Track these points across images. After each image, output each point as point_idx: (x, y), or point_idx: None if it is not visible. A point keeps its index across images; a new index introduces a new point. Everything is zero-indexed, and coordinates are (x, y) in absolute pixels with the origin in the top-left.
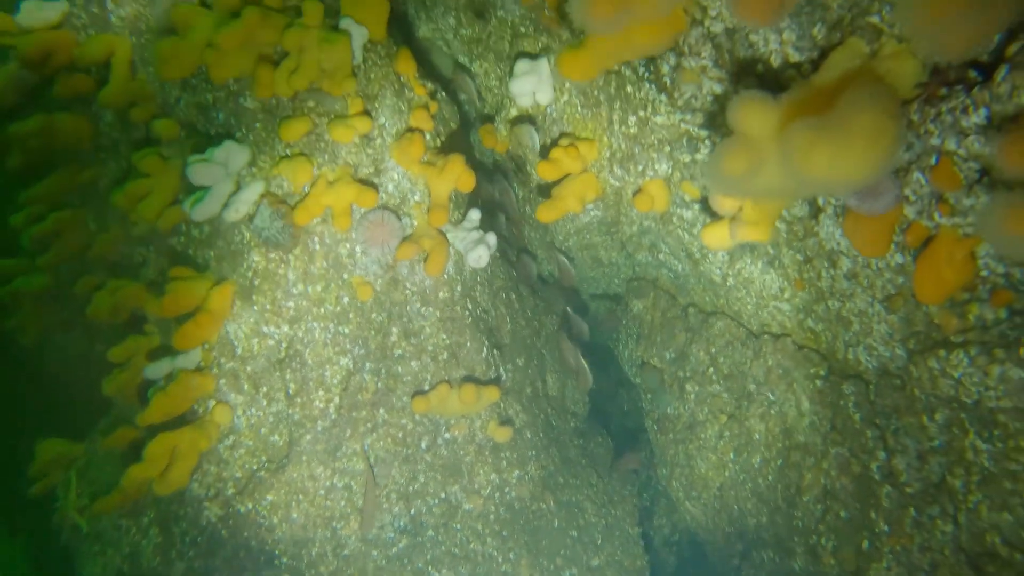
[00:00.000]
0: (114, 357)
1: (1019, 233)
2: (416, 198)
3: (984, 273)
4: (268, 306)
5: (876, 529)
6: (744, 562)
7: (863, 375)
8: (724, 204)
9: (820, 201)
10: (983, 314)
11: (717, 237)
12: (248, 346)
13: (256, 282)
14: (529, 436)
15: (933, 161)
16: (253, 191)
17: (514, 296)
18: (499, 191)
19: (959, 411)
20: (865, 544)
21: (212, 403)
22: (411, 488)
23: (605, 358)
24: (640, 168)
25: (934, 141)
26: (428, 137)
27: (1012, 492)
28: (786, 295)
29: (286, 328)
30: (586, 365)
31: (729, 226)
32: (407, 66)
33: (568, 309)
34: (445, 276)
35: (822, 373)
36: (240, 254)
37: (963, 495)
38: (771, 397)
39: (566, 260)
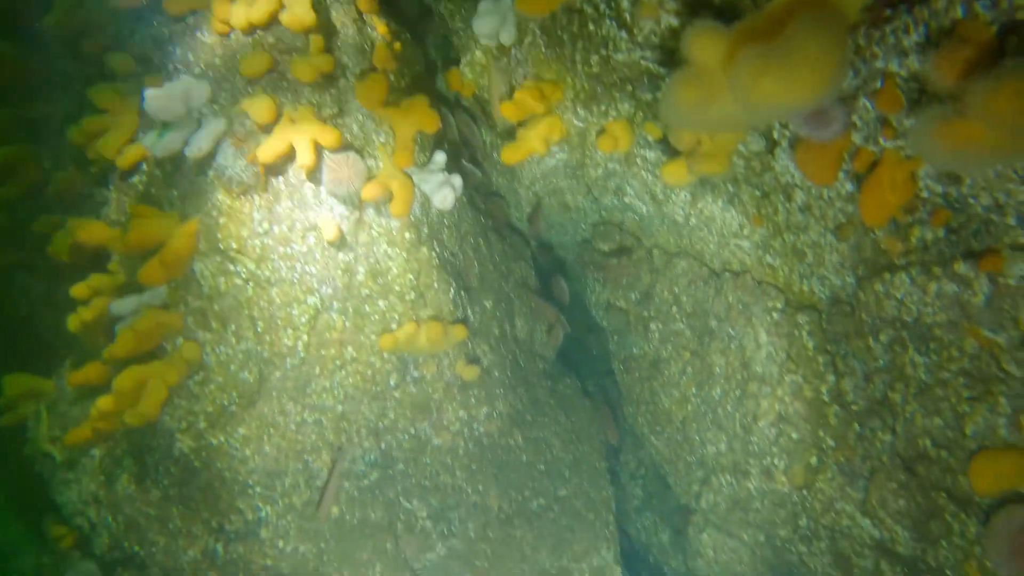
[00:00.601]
0: (76, 294)
1: (947, 145)
2: (380, 139)
3: (924, 194)
4: (234, 245)
5: (823, 446)
6: (704, 487)
7: (816, 305)
8: (683, 139)
9: (775, 135)
10: (924, 235)
11: (676, 173)
12: (215, 284)
13: (221, 221)
14: (497, 375)
15: (878, 84)
16: (215, 128)
17: (482, 241)
18: (460, 123)
19: (901, 330)
20: (813, 460)
21: (180, 340)
22: (381, 424)
23: (572, 304)
24: (603, 108)
25: (879, 64)
26: (392, 78)
27: (942, 398)
28: (745, 232)
29: (252, 267)
30: (558, 328)
31: (687, 160)
32: (369, 3)
33: (556, 274)
34: (411, 218)
35: (779, 306)
36: (204, 193)
37: (901, 407)
38: (731, 332)
39: (537, 205)
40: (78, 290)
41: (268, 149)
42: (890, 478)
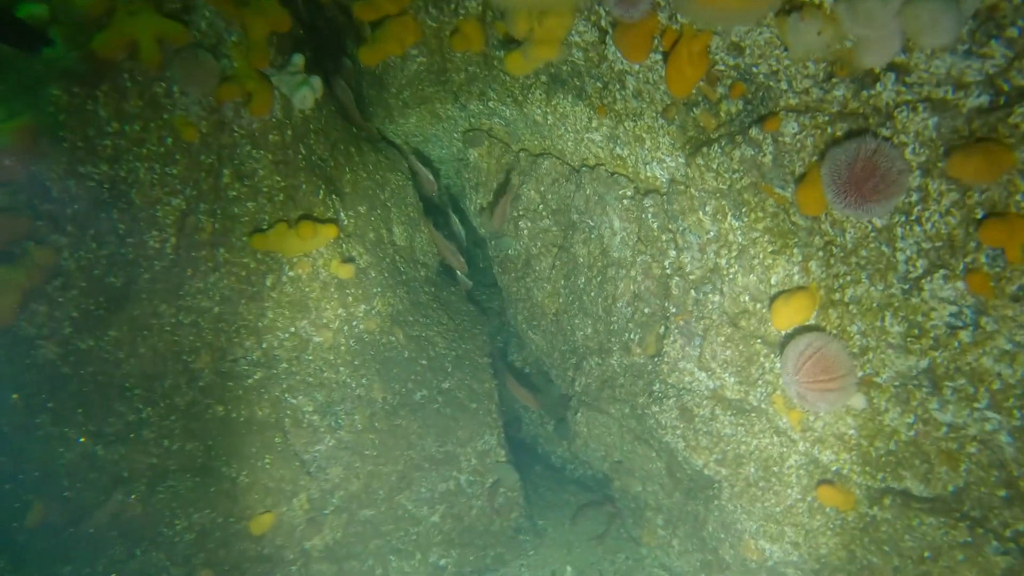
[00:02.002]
0: None
1: (698, 4)
2: (233, 39)
3: (720, 67)
4: (80, 144)
5: (668, 314)
6: (577, 372)
7: (659, 188)
8: (518, 27)
9: (603, 23)
10: (729, 109)
11: (515, 62)
12: (64, 187)
13: (61, 118)
14: (374, 275)
15: None
16: (37, 15)
17: (354, 150)
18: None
19: (720, 199)
20: (661, 329)
21: (30, 244)
22: (260, 324)
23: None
24: (452, 7)
25: None
26: None
27: (753, 256)
28: (594, 124)
29: (105, 168)
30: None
31: (523, 49)
32: None
33: (412, 158)
34: (273, 119)
35: (628, 194)
36: (35, 89)
37: (727, 270)
38: (591, 223)
39: (425, 170)
40: None
41: (104, 42)
42: (719, 333)
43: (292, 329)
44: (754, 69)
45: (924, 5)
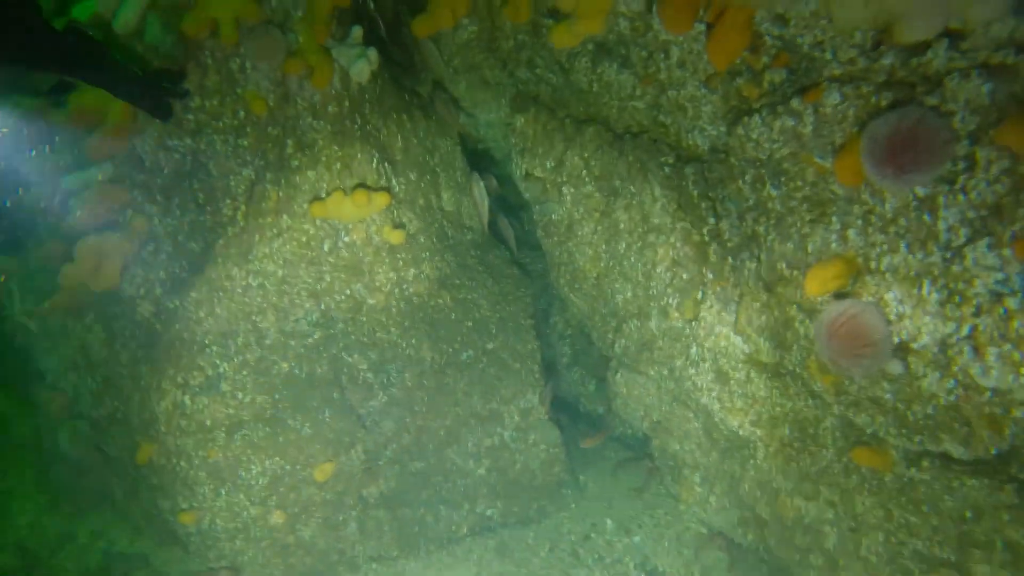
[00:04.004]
0: None
1: None
2: (299, 14)
3: (766, 38)
4: (170, 120)
5: (705, 280)
6: (617, 335)
7: (700, 156)
8: (565, 1)
9: None
10: (773, 79)
11: (561, 34)
12: (155, 160)
13: None
14: (423, 240)
15: None
16: (138, 1)
17: (405, 117)
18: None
19: (760, 168)
20: (699, 295)
21: (129, 213)
22: (319, 287)
23: (505, 184)
24: None
25: None
26: None
27: (791, 224)
28: (638, 92)
29: (189, 141)
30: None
31: (569, 22)
32: None
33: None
34: (333, 91)
35: (670, 161)
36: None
37: (764, 237)
38: (632, 189)
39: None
40: None
41: (193, 22)
42: (755, 299)
43: (348, 292)
44: (799, 40)
45: None
